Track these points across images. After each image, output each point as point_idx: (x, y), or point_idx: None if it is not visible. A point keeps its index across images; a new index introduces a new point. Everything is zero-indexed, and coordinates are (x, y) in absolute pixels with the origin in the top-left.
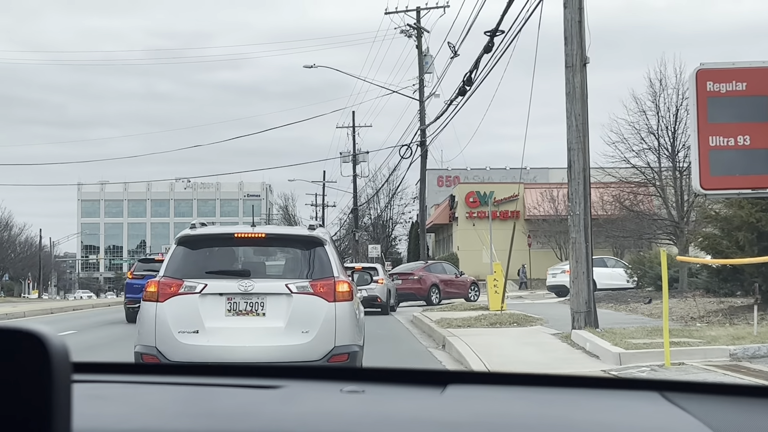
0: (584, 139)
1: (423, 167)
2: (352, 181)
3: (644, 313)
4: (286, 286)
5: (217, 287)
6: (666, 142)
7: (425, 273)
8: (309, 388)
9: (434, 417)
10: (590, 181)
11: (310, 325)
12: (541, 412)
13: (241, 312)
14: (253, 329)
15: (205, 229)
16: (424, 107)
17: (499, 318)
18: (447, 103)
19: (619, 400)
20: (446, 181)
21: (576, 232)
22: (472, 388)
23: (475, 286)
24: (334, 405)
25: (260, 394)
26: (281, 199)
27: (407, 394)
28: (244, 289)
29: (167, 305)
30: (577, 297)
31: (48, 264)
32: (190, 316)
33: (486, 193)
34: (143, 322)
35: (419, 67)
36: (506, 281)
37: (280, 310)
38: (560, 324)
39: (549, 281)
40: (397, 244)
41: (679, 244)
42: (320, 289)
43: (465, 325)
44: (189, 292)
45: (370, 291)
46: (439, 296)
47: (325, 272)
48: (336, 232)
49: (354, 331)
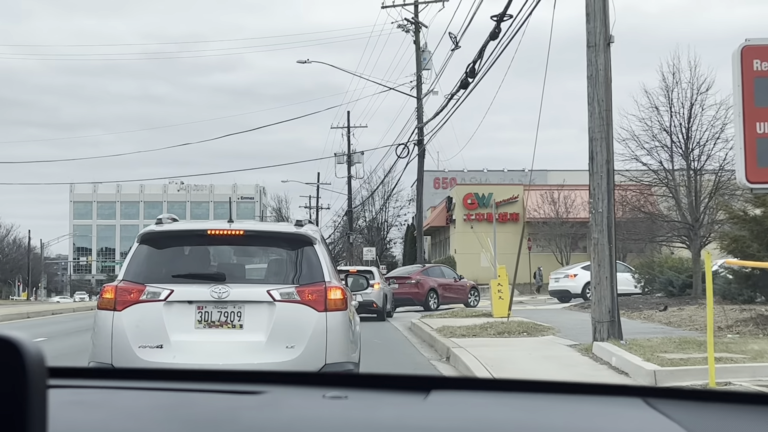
0: (608, 128)
1: (420, 167)
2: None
3: (661, 322)
4: (268, 293)
5: (186, 294)
6: (679, 140)
7: (423, 277)
8: (291, 393)
9: (417, 423)
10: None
11: (297, 338)
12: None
13: (214, 323)
14: (229, 344)
15: (174, 225)
16: (422, 105)
17: (507, 327)
18: (447, 97)
19: (602, 406)
20: (443, 182)
21: (598, 233)
22: (456, 394)
23: (474, 291)
24: (316, 411)
25: (241, 399)
26: (275, 201)
27: (390, 399)
28: (218, 296)
29: (126, 315)
30: (599, 305)
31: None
32: (153, 328)
33: (485, 195)
34: (98, 333)
35: (417, 64)
36: (513, 287)
37: (261, 321)
38: (574, 334)
39: (552, 286)
40: (392, 247)
41: (692, 247)
42: (309, 296)
43: (470, 334)
44: (152, 300)
45: (366, 296)
46: (437, 301)
47: (314, 276)
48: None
49: (348, 345)
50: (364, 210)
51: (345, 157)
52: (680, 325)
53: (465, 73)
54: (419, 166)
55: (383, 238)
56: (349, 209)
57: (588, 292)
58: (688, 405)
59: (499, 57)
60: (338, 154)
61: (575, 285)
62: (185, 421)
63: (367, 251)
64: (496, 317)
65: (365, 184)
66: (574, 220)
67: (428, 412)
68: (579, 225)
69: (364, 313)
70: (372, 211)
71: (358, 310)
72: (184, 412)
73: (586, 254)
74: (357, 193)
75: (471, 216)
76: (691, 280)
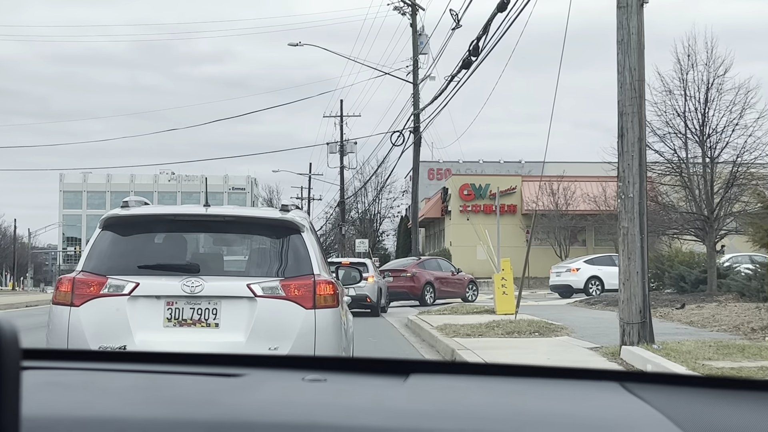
0: (641, 100)
1: (416, 155)
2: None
3: (682, 321)
4: (249, 287)
5: (154, 287)
6: (694, 126)
7: (419, 270)
8: (271, 376)
9: (396, 406)
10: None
11: (281, 339)
12: (500, 402)
13: (186, 321)
14: (202, 345)
15: (142, 209)
16: (418, 90)
17: (516, 326)
18: (448, 78)
19: (579, 390)
20: (437, 173)
21: (628, 221)
22: (435, 378)
23: (473, 285)
24: (295, 393)
25: (221, 382)
26: (266, 192)
27: (369, 383)
28: (191, 290)
29: (84, 310)
30: (628, 304)
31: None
32: (115, 326)
33: (482, 186)
34: (53, 331)
35: (413, 47)
36: (522, 282)
37: (240, 319)
38: (590, 334)
39: (552, 280)
40: (384, 239)
41: (707, 241)
42: (295, 291)
43: (475, 333)
44: (114, 294)
45: (359, 290)
46: (433, 296)
47: (302, 269)
48: (322, 226)
49: (339, 347)
50: (356, 201)
51: (338, 146)
52: (704, 325)
53: (468, 51)
54: (415, 154)
55: (376, 230)
56: (341, 200)
57: (591, 287)
58: (664, 389)
59: (506, 32)
60: (330, 142)
61: (577, 279)
62: (165, 402)
63: (360, 243)
64: (499, 314)
65: (358, 175)
66: (573, 212)
67: (407, 395)
68: (579, 217)
69: (357, 308)
70: (365, 203)
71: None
72: (164, 393)
73: (585, 248)
74: (349, 184)
75: (467, 207)
76: (705, 276)
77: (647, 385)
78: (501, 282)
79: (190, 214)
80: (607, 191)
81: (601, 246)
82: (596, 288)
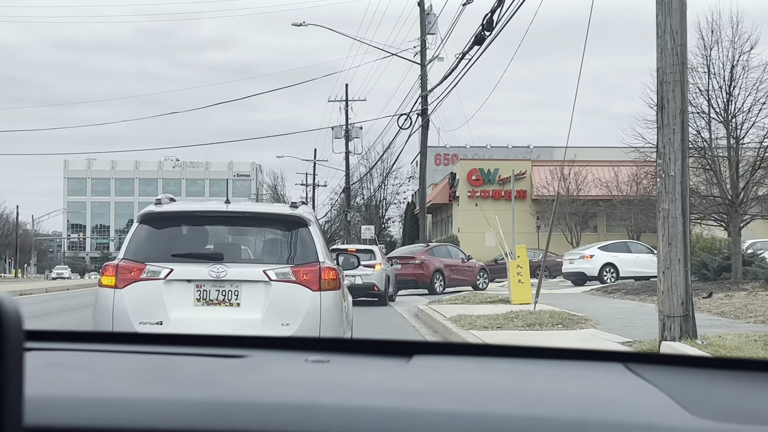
0: (683, 67)
1: (424, 138)
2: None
3: (712, 311)
4: (264, 273)
5: (185, 272)
6: (718, 105)
7: (428, 257)
8: (274, 357)
9: (399, 387)
10: (688, 130)
11: (292, 316)
12: (504, 382)
13: (212, 301)
14: (226, 321)
15: (172, 206)
16: (426, 71)
17: (537, 317)
18: (459, 56)
19: (583, 371)
20: (444, 159)
21: (669, 202)
22: (438, 359)
23: (484, 273)
24: (298, 374)
25: (225, 363)
26: (270, 178)
27: (372, 364)
28: (216, 275)
29: (127, 292)
30: (669, 295)
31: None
32: (153, 305)
33: (490, 171)
34: (99, 310)
35: (421, 27)
36: (543, 271)
37: (257, 300)
38: (617, 326)
39: (566, 267)
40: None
41: (731, 226)
42: (303, 276)
43: (493, 326)
44: (152, 278)
45: (366, 278)
46: (443, 284)
47: (308, 257)
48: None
49: (341, 323)
50: (362, 187)
51: (343, 131)
52: (738, 316)
53: (482, 25)
54: (423, 137)
55: (381, 217)
56: (346, 186)
57: (605, 275)
58: (667, 370)
59: (523, 2)
60: (336, 127)
61: (591, 267)
62: (168, 383)
63: (366, 229)
64: (515, 304)
65: (363, 160)
66: (585, 197)
67: (410, 376)
68: (590, 203)
69: (364, 297)
70: (370, 189)
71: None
72: (167, 374)
73: (597, 234)
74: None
75: (475, 193)
76: (729, 263)
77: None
78: (516, 270)
79: (214, 211)
80: (620, 176)
81: (613, 232)
82: (611, 275)
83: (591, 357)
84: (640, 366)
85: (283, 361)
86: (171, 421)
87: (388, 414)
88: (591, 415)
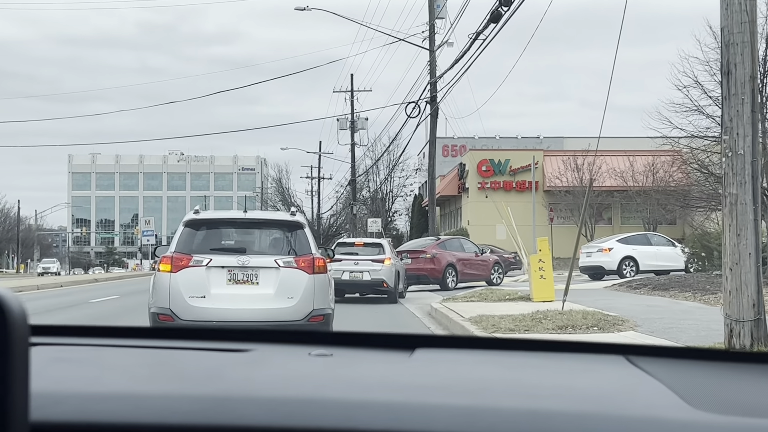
0: (753, 26)
1: (433, 127)
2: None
3: None
4: (275, 261)
5: (220, 261)
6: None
7: (440, 251)
8: (277, 351)
9: (402, 380)
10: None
11: (294, 292)
12: (507, 375)
13: (239, 281)
14: (249, 295)
15: (207, 214)
16: (435, 57)
17: (569, 318)
18: (472, 36)
19: (585, 364)
20: (452, 150)
21: (737, 186)
22: (440, 352)
23: (498, 267)
24: (301, 368)
25: (228, 357)
26: (275, 171)
27: (375, 357)
28: (242, 263)
29: (180, 275)
30: (738, 295)
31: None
32: (198, 285)
33: (501, 161)
34: (158, 288)
35: (429, 11)
36: (572, 266)
37: (271, 280)
38: (659, 328)
39: (583, 261)
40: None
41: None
42: (302, 263)
43: (520, 328)
44: (197, 265)
45: (374, 273)
46: (455, 279)
47: (304, 250)
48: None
49: (328, 297)
50: (368, 180)
51: (348, 122)
52: None
53: (498, 1)
54: (431, 126)
55: (388, 210)
56: (352, 178)
57: (624, 269)
58: (669, 362)
59: None
60: (341, 117)
61: (610, 260)
62: (172, 377)
63: (372, 222)
64: (537, 301)
65: (369, 152)
66: (599, 188)
67: (413, 369)
68: (605, 194)
69: (373, 294)
70: (376, 181)
71: (366, 290)
72: (172, 369)
73: (611, 226)
74: (360, 162)
75: (486, 184)
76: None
77: (652, 358)
78: (538, 265)
79: (236, 218)
80: (635, 166)
81: (628, 224)
82: (630, 269)
83: (593, 350)
84: (641, 358)
85: (286, 355)
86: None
87: (391, 407)
88: (593, 408)
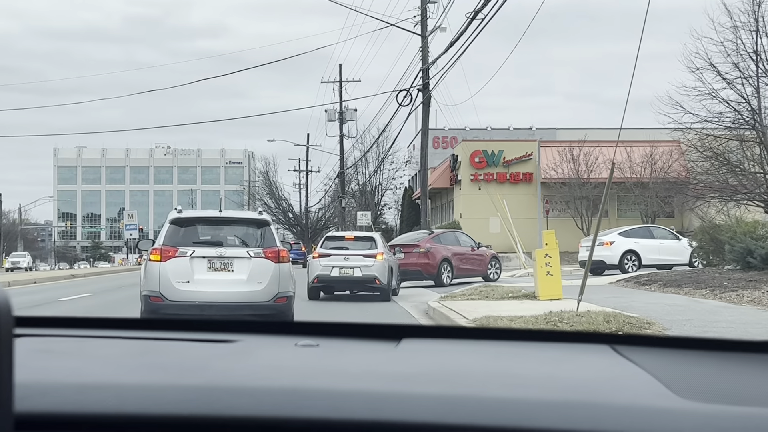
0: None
1: (425, 116)
2: (338, 142)
3: None
4: (247, 252)
5: (202, 252)
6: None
7: (434, 245)
8: (263, 342)
9: (388, 370)
10: None
11: (263, 278)
12: (492, 364)
13: (218, 269)
14: (226, 281)
15: (189, 213)
16: (427, 43)
17: (588, 320)
18: (470, 16)
19: (570, 353)
20: (442, 142)
21: None
22: (426, 342)
23: (495, 262)
24: (288, 358)
25: (214, 347)
26: (263, 164)
27: (361, 347)
28: (220, 254)
29: (168, 264)
30: None
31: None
32: (183, 272)
33: (494, 152)
34: (150, 275)
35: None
36: (589, 263)
37: (243, 268)
38: (691, 331)
39: (582, 255)
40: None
41: None
42: (269, 254)
43: None
44: (182, 256)
45: (366, 270)
46: (451, 274)
47: (270, 243)
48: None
49: (290, 282)
50: (356, 172)
51: (336, 114)
52: None
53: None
54: (424, 114)
55: (377, 203)
56: (341, 170)
57: (626, 263)
58: (654, 351)
59: None
60: (329, 108)
61: (611, 255)
62: (157, 368)
63: (362, 216)
64: (543, 299)
65: (357, 144)
66: (596, 180)
67: (399, 359)
68: (602, 186)
69: (364, 291)
70: (365, 174)
71: (357, 287)
72: (158, 359)
73: (608, 219)
74: (349, 154)
75: (479, 176)
76: None
77: (637, 348)
78: (545, 260)
79: (214, 216)
80: (633, 157)
81: (626, 217)
82: (632, 264)
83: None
84: (627, 348)
85: (272, 346)
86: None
87: (377, 397)
88: (578, 397)
